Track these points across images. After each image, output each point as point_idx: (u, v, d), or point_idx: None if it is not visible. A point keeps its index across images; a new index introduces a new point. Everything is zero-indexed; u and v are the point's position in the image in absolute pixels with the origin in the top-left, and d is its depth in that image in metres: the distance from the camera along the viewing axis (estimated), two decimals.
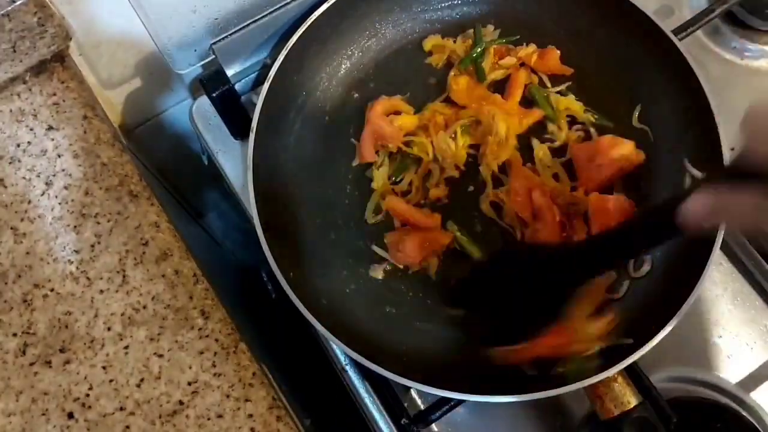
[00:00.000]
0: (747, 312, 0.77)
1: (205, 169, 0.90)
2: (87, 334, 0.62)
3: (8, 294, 0.63)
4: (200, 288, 0.65)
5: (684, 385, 0.74)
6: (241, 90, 0.81)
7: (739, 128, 0.43)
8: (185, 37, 0.78)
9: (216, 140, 0.84)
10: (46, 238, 0.65)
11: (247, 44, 0.80)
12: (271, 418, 0.60)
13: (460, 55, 0.83)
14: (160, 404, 0.60)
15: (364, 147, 0.78)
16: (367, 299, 0.74)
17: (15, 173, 0.68)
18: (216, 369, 0.62)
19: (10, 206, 0.66)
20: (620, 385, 0.64)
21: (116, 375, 0.61)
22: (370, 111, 0.79)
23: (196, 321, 0.63)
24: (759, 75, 0.87)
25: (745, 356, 0.75)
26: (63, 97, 0.71)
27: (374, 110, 0.79)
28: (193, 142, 0.96)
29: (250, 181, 0.72)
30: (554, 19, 0.83)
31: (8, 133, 0.69)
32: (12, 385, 0.61)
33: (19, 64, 0.69)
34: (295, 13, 0.80)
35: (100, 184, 0.68)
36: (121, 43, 0.81)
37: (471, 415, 0.73)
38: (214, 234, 1.22)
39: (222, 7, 0.77)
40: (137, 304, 0.63)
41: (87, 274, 0.64)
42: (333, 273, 0.75)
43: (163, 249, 0.66)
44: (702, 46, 0.89)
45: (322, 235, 0.77)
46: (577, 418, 0.73)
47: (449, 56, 0.83)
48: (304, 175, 0.79)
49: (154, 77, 0.88)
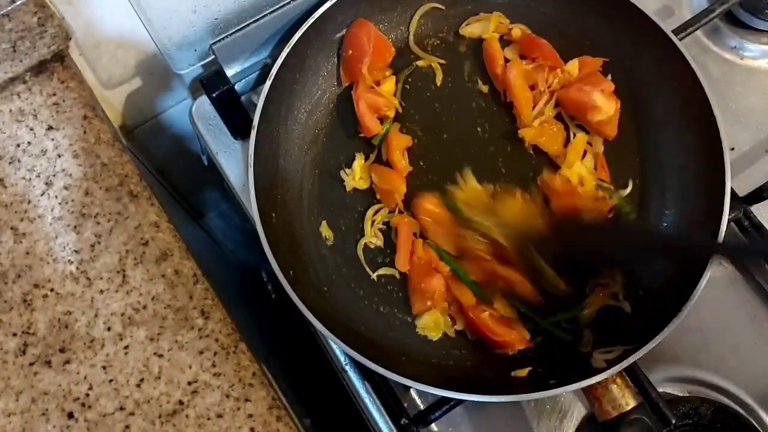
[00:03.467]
0: (747, 312, 0.77)
1: (205, 169, 0.90)
2: (87, 334, 0.62)
3: (8, 294, 0.63)
4: (200, 288, 0.65)
5: (684, 385, 0.74)
6: (241, 90, 0.81)
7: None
8: (185, 37, 0.78)
9: (216, 140, 0.84)
10: (46, 238, 0.65)
11: (247, 44, 0.80)
12: (271, 418, 0.60)
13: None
14: (160, 404, 0.60)
15: (367, 120, 0.78)
16: (367, 299, 0.75)
17: (15, 173, 0.68)
18: (216, 369, 0.62)
19: (10, 206, 0.66)
20: (619, 386, 0.64)
21: (116, 375, 0.61)
22: (356, 91, 0.79)
23: (196, 321, 0.63)
24: (759, 75, 0.87)
25: (745, 356, 0.75)
26: (63, 97, 0.71)
27: (359, 88, 0.79)
28: (193, 142, 0.96)
29: (250, 181, 0.72)
30: (554, 19, 0.83)
31: (8, 133, 0.69)
32: (12, 385, 0.61)
33: (19, 64, 0.69)
34: (296, 13, 0.80)
35: (100, 184, 0.67)
36: (121, 43, 0.81)
37: (471, 415, 0.73)
38: (214, 234, 1.22)
39: (222, 7, 0.77)
40: (137, 304, 0.63)
41: (87, 274, 0.64)
42: (333, 273, 0.75)
43: (163, 249, 0.66)
44: (702, 46, 0.89)
45: (323, 236, 0.77)
46: (577, 419, 0.73)
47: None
48: (305, 175, 0.79)
49: (154, 77, 0.88)
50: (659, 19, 0.75)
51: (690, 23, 0.81)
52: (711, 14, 0.82)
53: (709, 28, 0.88)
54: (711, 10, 0.82)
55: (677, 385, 0.74)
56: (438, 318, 0.73)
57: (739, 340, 0.75)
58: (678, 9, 0.91)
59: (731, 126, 0.84)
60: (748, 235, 0.76)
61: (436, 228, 0.74)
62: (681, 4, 0.91)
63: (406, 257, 0.73)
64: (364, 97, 0.78)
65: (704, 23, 0.82)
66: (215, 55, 0.79)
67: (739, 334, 0.76)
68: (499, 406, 0.73)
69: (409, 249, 0.74)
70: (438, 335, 0.73)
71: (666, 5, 0.91)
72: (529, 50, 0.80)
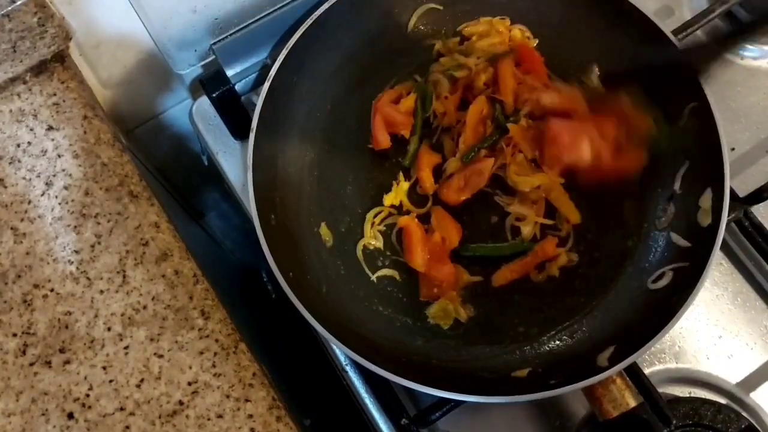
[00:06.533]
0: (747, 312, 0.77)
1: (205, 169, 0.90)
2: (87, 334, 0.62)
3: (8, 294, 0.63)
4: (200, 288, 0.65)
5: (684, 385, 0.74)
6: (241, 90, 0.81)
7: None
8: (185, 37, 0.78)
9: (216, 140, 0.84)
10: (46, 238, 0.65)
11: (247, 44, 0.80)
12: (271, 418, 0.60)
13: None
14: (160, 404, 0.60)
15: (379, 133, 0.78)
16: (367, 301, 0.75)
17: (15, 173, 0.68)
18: (216, 369, 0.62)
19: (10, 206, 0.66)
20: (619, 386, 0.64)
21: (116, 375, 0.61)
22: (377, 102, 0.80)
23: (196, 321, 0.63)
24: (759, 75, 0.87)
25: (745, 356, 0.75)
26: (63, 97, 0.71)
27: (381, 100, 0.80)
28: (193, 143, 0.96)
29: (250, 181, 0.72)
30: (553, 19, 0.83)
31: (8, 133, 0.69)
32: (12, 385, 0.61)
33: (19, 64, 0.69)
34: (296, 13, 0.80)
35: (100, 185, 0.67)
36: (121, 43, 0.81)
37: (471, 416, 0.73)
38: (214, 234, 1.22)
39: (222, 7, 0.77)
40: (137, 304, 0.63)
41: (87, 275, 0.64)
42: (333, 274, 0.75)
43: (163, 249, 0.66)
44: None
45: (322, 237, 0.77)
46: (577, 419, 0.73)
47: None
48: (305, 176, 0.79)
49: (154, 77, 0.88)
50: (659, 19, 0.75)
51: (690, 23, 0.81)
52: (711, 14, 0.82)
53: (709, 28, 0.88)
54: (711, 10, 0.82)
55: (677, 385, 0.74)
56: (447, 305, 0.73)
57: (739, 340, 0.76)
58: (678, 9, 0.91)
59: (731, 126, 0.84)
60: (749, 236, 0.76)
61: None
62: (681, 5, 0.91)
63: (423, 256, 0.73)
64: (382, 111, 0.79)
65: (704, 23, 0.82)
66: (215, 55, 0.79)
67: (739, 333, 0.76)
68: (499, 406, 0.73)
69: (423, 248, 0.74)
70: (449, 323, 0.73)
71: (666, 5, 0.91)
72: (521, 58, 0.80)
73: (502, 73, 0.79)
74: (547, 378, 0.65)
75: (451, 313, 0.73)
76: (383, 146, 0.79)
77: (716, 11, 0.82)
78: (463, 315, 0.73)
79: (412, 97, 0.80)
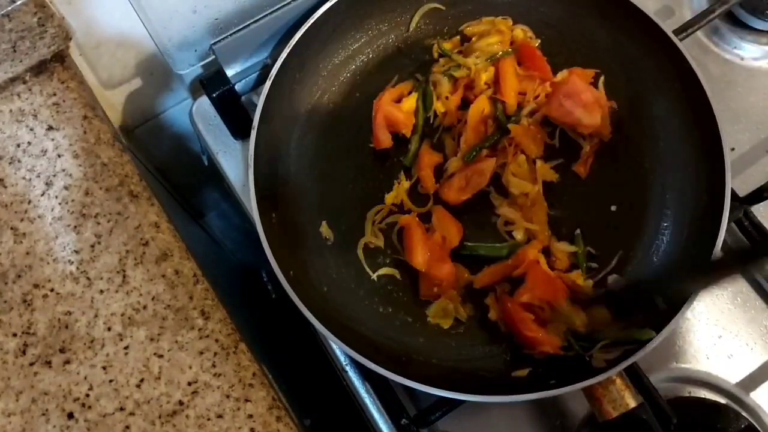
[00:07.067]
0: (747, 312, 0.77)
1: (205, 169, 0.90)
2: (87, 334, 0.62)
3: (8, 294, 0.63)
4: (200, 288, 0.65)
5: (684, 385, 0.74)
6: (241, 90, 0.81)
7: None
8: (185, 37, 0.78)
9: (216, 140, 0.84)
10: (46, 238, 0.65)
11: (247, 44, 0.80)
12: (271, 418, 0.60)
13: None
14: (160, 404, 0.60)
15: (380, 132, 0.78)
16: (367, 299, 0.75)
17: (15, 173, 0.68)
18: (216, 369, 0.62)
19: (10, 206, 0.66)
20: (619, 386, 0.64)
21: (116, 375, 0.61)
22: (379, 101, 0.80)
23: (196, 321, 0.63)
24: (759, 75, 0.88)
25: (745, 356, 0.75)
26: (63, 97, 0.70)
27: (382, 99, 0.80)
28: (193, 142, 0.96)
29: (250, 181, 0.72)
30: (554, 19, 0.83)
31: (8, 133, 0.69)
32: (12, 385, 0.61)
33: (19, 64, 0.69)
34: (296, 13, 0.80)
35: (100, 184, 0.67)
36: (121, 44, 0.81)
37: (471, 415, 0.73)
38: (214, 234, 1.22)
39: (222, 7, 0.77)
40: (137, 304, 0.63)
41: (87, 274, 0.64)
42: (333, 273, 0.75)
43: (163, 249, 0.66)
44: (702, 46, 0.89)
45: (323, 236, 0.77)
46: (577, 419, 0.73)
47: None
48: (305, 175, 0.79)
49: (154, 77, 0.88)
50: (659, 19, 0.76)
51: (690, 24, 0.81)
52: (711, 15, 0.82)
53: (709, 28, 0.88)
54: (711, 10, 0.82)
55: (677, 385, 0.74)
56: (447, 305, 0.73)
57: (739, 340, 0.76)
58: (678, 9, 0.91)
59: (731, 126, 0.84)
60: (748, 236, 0.76)
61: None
62: (681, 5, 0.92)
63: (424, 255, 0.73)
64: (383, 110, 0.79)
65: (704, 24, 0.82)
66: (215, 56, 0.79)
67: (739, 333, 0.76)
68: (499, 406, 0.73)
69: (424, 247, 0.73)
70: (449, 323, 0.73)
71: (666, 6, 0.92)
72: (523, 58, 0.80)
73: (503, 72, 0.79)
74: (547, 378, 0.65)
75: (451, 312, 0.73)
76: (384, 145, 0.78)
77: (716, 11, 0.82)
78: (463, 314, 0.73)
79: (414, 97, 0.80)
